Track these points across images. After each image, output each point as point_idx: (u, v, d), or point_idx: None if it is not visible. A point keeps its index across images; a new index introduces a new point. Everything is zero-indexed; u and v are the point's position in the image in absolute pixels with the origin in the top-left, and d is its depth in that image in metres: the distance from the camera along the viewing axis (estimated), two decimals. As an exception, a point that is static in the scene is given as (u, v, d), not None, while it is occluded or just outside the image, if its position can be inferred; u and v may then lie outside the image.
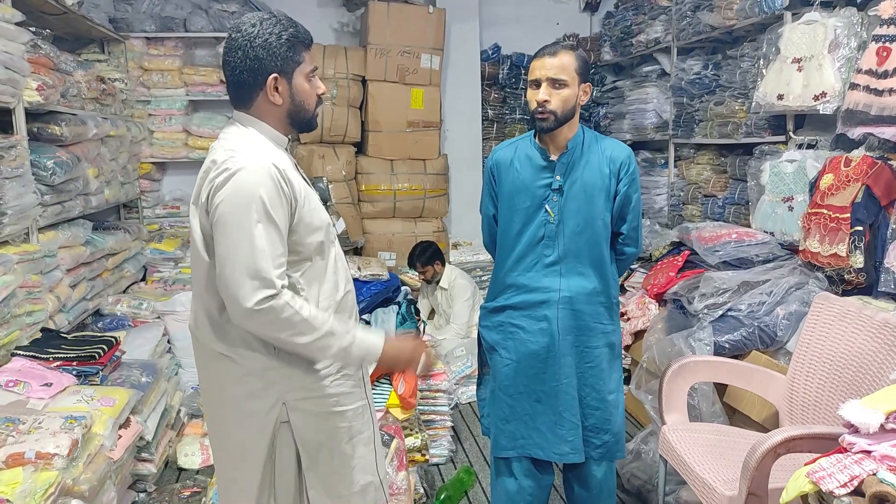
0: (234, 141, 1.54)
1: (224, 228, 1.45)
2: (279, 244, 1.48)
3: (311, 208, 1.56)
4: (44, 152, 2.96)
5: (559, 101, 2.06)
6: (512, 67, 5.53)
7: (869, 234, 2.65)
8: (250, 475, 1.63)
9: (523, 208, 2.17)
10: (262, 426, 1.60)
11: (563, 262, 2.16)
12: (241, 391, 1.59)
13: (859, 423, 1.40)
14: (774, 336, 2.82)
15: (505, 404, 2.25)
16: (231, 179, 1.45)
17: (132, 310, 3.67)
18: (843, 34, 2.86)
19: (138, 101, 4.68)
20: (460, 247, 5.25)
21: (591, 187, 2.13)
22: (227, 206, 1.45)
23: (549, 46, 2.11)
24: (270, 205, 1.45)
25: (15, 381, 2.33)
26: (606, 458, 2.26)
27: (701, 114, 4.06)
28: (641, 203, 2.26)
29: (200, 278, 1.58)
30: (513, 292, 2.22)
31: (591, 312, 2.18)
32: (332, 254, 1.64)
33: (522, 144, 2.23)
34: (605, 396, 2.22)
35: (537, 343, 2.18)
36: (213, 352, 1.61)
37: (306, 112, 1.62)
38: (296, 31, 1.56)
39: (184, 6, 4.73)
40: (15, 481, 1.83)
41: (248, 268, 1.43)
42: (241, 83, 1.55)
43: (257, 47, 1.51)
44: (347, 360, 1.61)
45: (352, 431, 1.68)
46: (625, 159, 2.15)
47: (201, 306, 1.61)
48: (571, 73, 2.06)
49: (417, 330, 2.88)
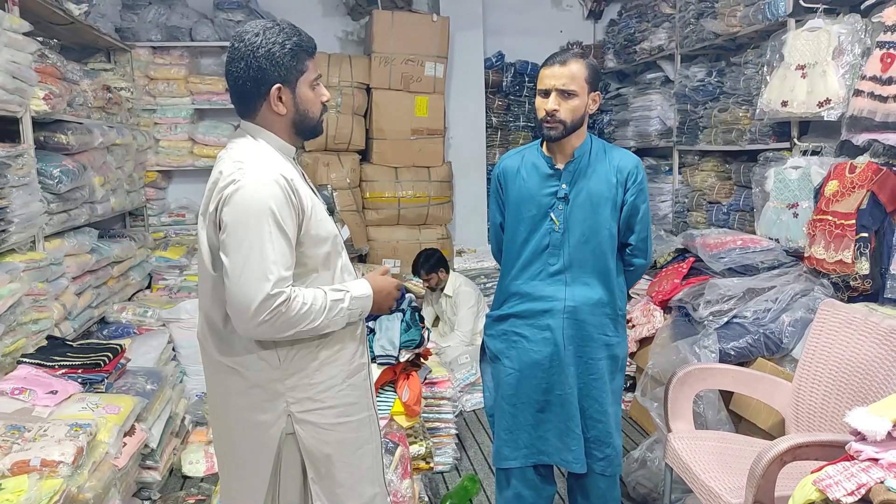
0: (241, 152, 1.53)
1: (234, 240, 1.44)
2: (289, 256, 1.47)
3: (318, 219, 1.55)
4: (50, 161, 2.98)
5: (568, 110, 2.04)
6: (516, 75, 5.54)
7: (874, 240, 2.64)
8: (255, 487, 1.62)
9: (529, 217, 2.16)
10: (267, 438, 1.59)
11: (567, 272, 2.14)
12: (246, 403, 1.59)
13: (866, 431, 1.39)
14: (780, 343, 2.81)
15: (508, 414, 2.23)
16: (240, 191, 1.44)
17: (137, 317, 3.68)
18: (847, 41, 2.87)
19: (144, 109, 4.71)
20: (464, 254, 5.25)
21: (598, 196, 2.11)
22: (237, 217, 1.44)
23: (559, 55, 2.08)
24: (280, 216, 1.45)
25: (20, 389, 2.33)
26: (609, 472, 2.24)
27: (705, 121, 4.06)
28: (650, 214, 2.24)
29: (206, 290, 1.59)
30: (517, 301, 2.21)
31: (596, 323, 2.16)
32: (338, 265, 1.64)
33: (529, 153, 2.22)
34: (606, 409, 2.20)
35: (540, 352, 2.17)
36: (218, 363, 1.61)
37: (311, 120, 1.61)
38: (299, 39, 1.54)
39: (189, 16, 4.76)
40: (20, 489, 1.83)
41: (259, 280, 1.42)
42: (245, 93, 1.54)
43: (260, 57, 1.49)
44: (356, 315, 1.61)
45: (358, 442, 1.67)
46: (632, 169, 2.13)
47: (207, 317, 1.61)
48: (581, 83, 2.05)
49: (422, 338, 2.87)
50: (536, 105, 2.12)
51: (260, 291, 1.42)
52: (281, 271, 1.45)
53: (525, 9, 5.64)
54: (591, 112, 2.12)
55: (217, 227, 1.49)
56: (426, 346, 2.92)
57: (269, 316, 1.44)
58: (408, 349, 2.82)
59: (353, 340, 1.66)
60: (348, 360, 1.64)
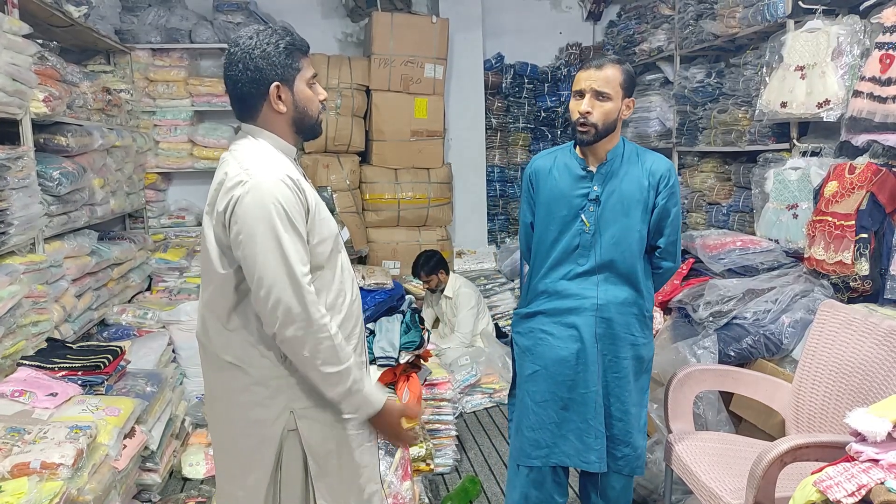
0: (245, 153, 1.56)
1: (251, 242, 1.47)
2: (304, 252, 1.51)
3: (321, 218, 1.59)
4: (50, 163, 2.98)
5: (601, 113, 2.07)
6: (515, 76, 5.55)
7: (874, 241, 2.64)
8: (257, 485, 1.63)
9: (560, 216, 2.18)
10: (269, 435, 1.60)
11: (597, 272, 2.16)
12: (248, 400, 1.60)
13: (866, 432, 1.40)
14: (780, 344, 2.81)
15: (531, 411, 2.23)
16: (250, 193, 1.47)
17: (137, 319, 3.68)
18: (846, 42, 2.87)
19: (144, 111, 4.71)
20: (464, 255, 5.25)
21: (629, 199, 2.13)
22: (251, 219, 1.47)
23: (597, 59, 2.11)
24: (291, 214, 1.49)
25: (20, 391, 2.33)
26: (626, 472, 2.24)
27: (704, 122, 4.07)
28: (681, 218, 2.25)
29: (210, 287, 1.60)
30: (545, 299, 2.22)
31: (623, 322, 2.17)
32: (339, 262, 1.66)
33: (562, 154, 2.24)
34: (628, 408, 2.20)
35: (567, 349, 2.17)
36: (220, 360, 1.62)
37: (310, 118, 1.64)
38: (292, 39, 1.58)
39: (189, 18, 4.77)
40: (20, 491, 1.83)
41: (284, 275, 1.47)
42: (245, 95, 1.57)
43: (256, 58, 1.53)
44: (346, 405, 1.61)
45: (360, 439, 1.68)
46: (665, 172, 2.15)
47: (210, 314, 1.62)
48: (616, 87, 2.07)
49: (422, 339, 2.87)
50: (570, 107, 2.14)
51: (286, 287, 1.47)
52: (301, 265, 1.49)
53: (524, 10, 5.65)
54: (625, 118, 2.14)
55: (225, 228, 1.52)
56: (426, 347, 2.93)
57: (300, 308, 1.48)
58: (408, 351, 2.82)
59: (352, 339, 1.67)
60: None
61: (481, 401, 3.99)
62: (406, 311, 2.96)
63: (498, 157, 5.63)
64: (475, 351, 4.12)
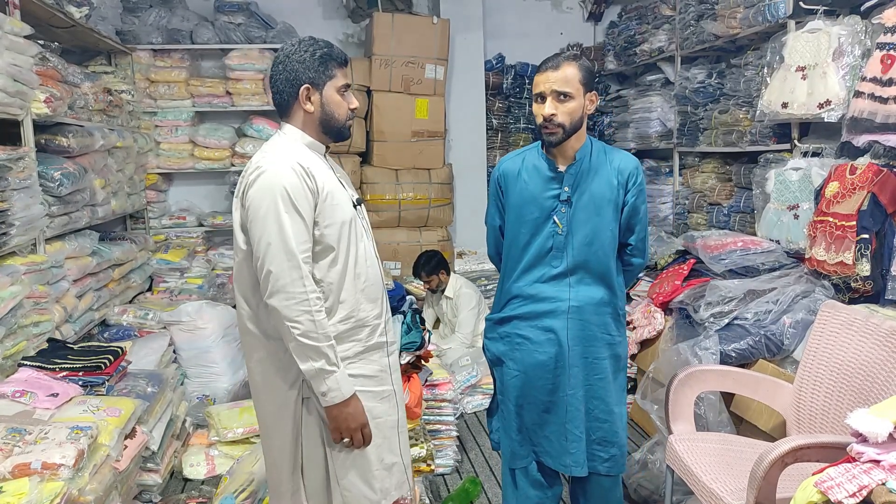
0: (269, 145, 1.80)
1: (256, 219, 1.69)
2: (304, 231, 1.69)
3: (332, 203, 1.75)
4: (51, 163, 2.98)
5: (565, 113, 2.04)
6: (516, 77, 5.55)
7: (875, 241, 2.64)
8: (283, 446, 1.83)
9: (531, 219, 2.16)
10: (285, 401, 1.80)
11: (571, 273, 2.15)
12: (268, 368, 1.81)
13: (867, 432, 1.39)
14: (781, 344, 2.81)
15: (514, 415, 2.23)
16: (260, 178, 1.70)
17: (138, 320, 3.68)
18: (847, 42, 2.87)
19: (145, 112, 4.71)
20: (465, 256, 5.25)
21: (600, 198, 2.12)
22: (258, 199, 1.68)
23: (552, 59, 2.07)
24: (294, 196, 1.68)
25: (21, 392, 2.33)
26: (614, 472, 2.23)
27: (705, 122, 4.07)
28: (648, 214, 2.25)
29: (237, 264, 1.82)
30: (519, 303, 2.20)
31: (599, 322, 2.16)
32: (356, 250, 1.80)
33: (530, 155, 2.21)
34: (612, 408, 2.20)
35: (545, 353, 2.16)
36: (248, 330, 1.83)
37: (336, 122, 1.82)
38: (330, 50, 1.79)
39: (190, 18, 4.77)
40: (21, 492, 1.83)
41: (279, 249, 1.66)
42: (281, 93, 1.80)
43: (294, 62, 1.76)
44: (317, 383, 1.71)
45: (374, 413, 1.82)
46: (633, 170, 2.14)
47: (238, 287, 1.84)
48: (576, 85, 2.04)
49: (423, 340, 2.87)
50: (534, 111, 2.11)
51: (280, 259, 1.65)
52: (296, 243, 1.67)
53: (525, 11, 5.65)
54: (590, 113, 2.12)
55: (243, 208, 1.74)
56: (427, 348, 2.92)
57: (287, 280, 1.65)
58: (408, 351, 2.81)
59: (368, 325, 1.83)
60: (364, 340, 1.83)
61: (482, 401, 3.98)
62: (407, 311, 2.96)
63: (498, 157, 5.63)
64: (476, 351, 4.12)
